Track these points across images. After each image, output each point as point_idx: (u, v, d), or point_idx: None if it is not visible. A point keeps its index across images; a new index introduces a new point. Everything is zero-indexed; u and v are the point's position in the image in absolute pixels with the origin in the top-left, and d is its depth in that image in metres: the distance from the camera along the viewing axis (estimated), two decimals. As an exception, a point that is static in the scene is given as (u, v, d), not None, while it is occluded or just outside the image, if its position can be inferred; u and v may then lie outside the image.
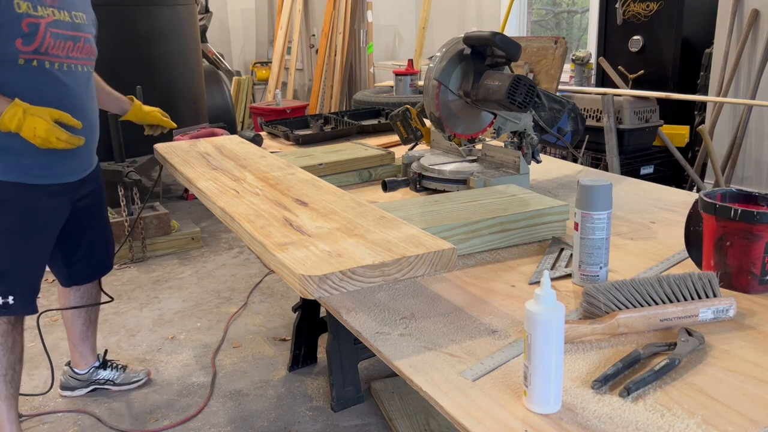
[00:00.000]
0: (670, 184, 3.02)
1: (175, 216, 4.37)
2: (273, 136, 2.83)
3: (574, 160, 2.84)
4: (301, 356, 2.72)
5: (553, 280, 1.32)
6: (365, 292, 1.28)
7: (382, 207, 1.49)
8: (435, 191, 1.85)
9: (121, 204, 3.83)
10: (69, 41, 2.00)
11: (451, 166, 1.91)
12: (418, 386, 0.97)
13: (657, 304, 1.12)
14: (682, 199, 1.83)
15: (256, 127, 6.18)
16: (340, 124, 2.93)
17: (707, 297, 1.13)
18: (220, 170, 1.86)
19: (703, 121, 4.03)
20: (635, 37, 4.27)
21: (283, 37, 7.25)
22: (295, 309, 2.67)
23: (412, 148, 2.14)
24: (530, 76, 2.42)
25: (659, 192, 1.92)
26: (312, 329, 2.70)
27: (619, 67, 4.32)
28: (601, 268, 1.28)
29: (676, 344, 1.03)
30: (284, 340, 2.96)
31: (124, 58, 4.25)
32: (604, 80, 4.47)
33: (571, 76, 4.74)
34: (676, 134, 3.96)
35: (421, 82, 4.08)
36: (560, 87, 3.11)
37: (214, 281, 3.66)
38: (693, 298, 1.13)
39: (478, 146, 2.02)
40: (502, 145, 1.92)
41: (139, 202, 3.93)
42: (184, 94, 4.72)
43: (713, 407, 0.89)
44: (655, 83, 4.16)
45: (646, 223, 1.64)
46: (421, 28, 6.14)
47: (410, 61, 5.22)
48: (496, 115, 1.93)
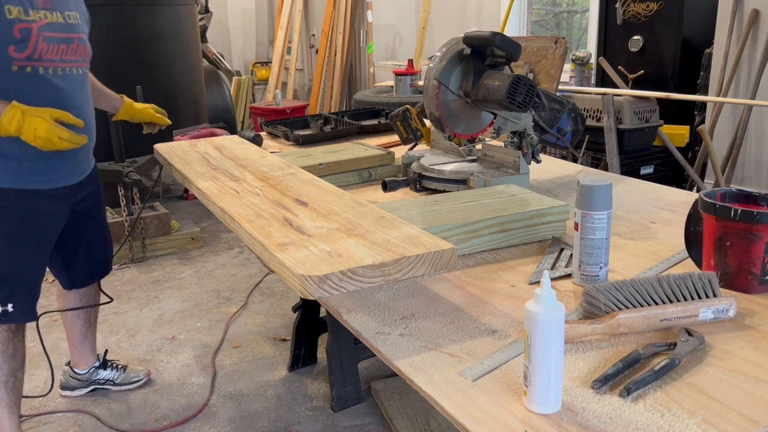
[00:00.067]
0: (670, 184, 3.02)
1: (175, 216, 4.37)
2: (273, 136, 2.83)
3: (574, 160, 2.84)
4: (301, 356, 2.72)
5: (553, 280, 1.32)
6: (365, 292, 1.28)
7: (382, 207, 1.49)
8: (435, 191, 1.85)
9: (121, 204, 3.83)
10: (62, 44, 1.96)
11: (451, 166, 1.91)
12: (418, 386, 0.97)
13: (657, 304, 1.12)
14: (682, 199, 1.83)
15: (256, 127, 6.18)
16: (340, 124, 2.93)
17: (707, 297, 1.13)
18: (220, 170, 1.86)
19: (703, 121, 4.03)
20: (635, 37, 4.27)
21: (283, 37, 7.25)
22: (295, 309, 2.67)
23: (412, 148, 2.14)
24: (530, 76, 2.42)
25: (659, 192, 1.92)
26: (312, 329, 2.70)
27: (619, 67, 4.32)
28: (601, 268, 1.28)
29: (676, 344, 1.03)
30: (284, 340, 2.96)
31: (124, 58, 4.25)
32: (604, 80, 4.47)
33: (571, 76, 4.73)
34: (676, 134, 3.96)
35: (421, 82, 4.08)
36: (560, 87, 3.11)
37: (214, 281, 3.66)
38: (693, 298, 1.13)
39: (478, 146, 2.02)
40: (502, 145, 1.92)
41: (139, 202, 3.93)
42: (184, 94, 4.72)
43: (713, 407, 0.89)
44: (655, 83, 4.16)
45: (646, 223, 1.64)
46: (421, 28, 6.14)
47: (410, 61, 5.22)
48: (496, 115, 1.93)
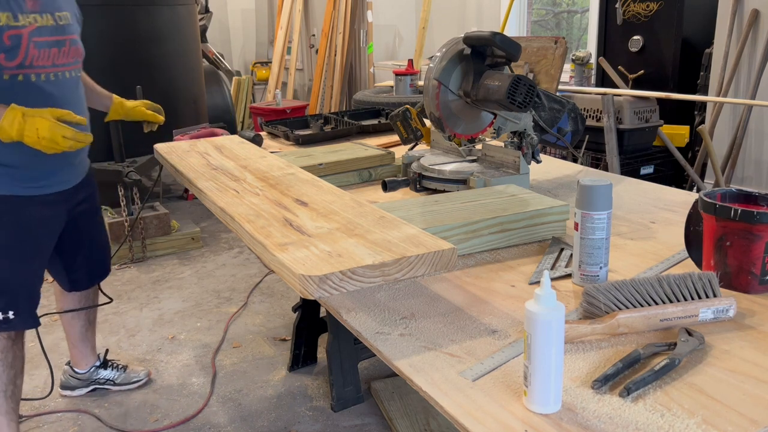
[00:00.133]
0: (670, 184, 3.02)
1: (175, 216, 4.37)
2: (273, 136, 2.83)
3: (574, 160, 2.84)
4: (301, 356, 2.72)
5: (553, 280, 1.32)
6: (365, 292, 1.28)
7: (382, 207, 1.49)
8: (435, 191, 1.85)
9: (121, 204, 3.83)
10: (54, 48, 1.91)
11: (451, 166, 1.91)
12: (418, 386, 0.97)
13: (657, 304, 1.12)
14: (682, 199, 1.83)
15: (256, 127, 6.18)
16: (340, 124, 2.93)
17: (707, 297, 1.13)
18: (220, 170, 1.86)
19: (703, 121, 4.03)
20: (635, 37, 4.27)
21: (283, 37, 7.25)
22: (295, 309, 2.67)
23: (412, 148, 2.14)
24: (530, 76, 2.42)
25: (659, 192, 1.92)
26: (312, 329, 2.70)
27: (619, 67, 4.32)
28: (601, 268, 1.28)
29: (676, 344, 1.03)
30: (284, 340, 2.96)
31: (124, 58, 4.25)
32: (604, 80, 4.47)
33: (571, 76, 4.73)
34: (676, 134, 3.96)
35: (421, 82, 4.08)
36: (560, 87, 3.11)
37: (214, 281, 3.66)
38: (693, 298, 1.13)
39: (478, 146, 2.02)
40: (502, 145, 1.92)
41: (139, 202, 3.93)
42: (184, 94, 4.72)
43: (713, 407, 0.89)
44: (655, 83, 4.16)
45: (646, 223, 1.64)
46: (421, 28, 6.13)
47: (410, 61, 5.22)
48: (496, 115, 1.93)
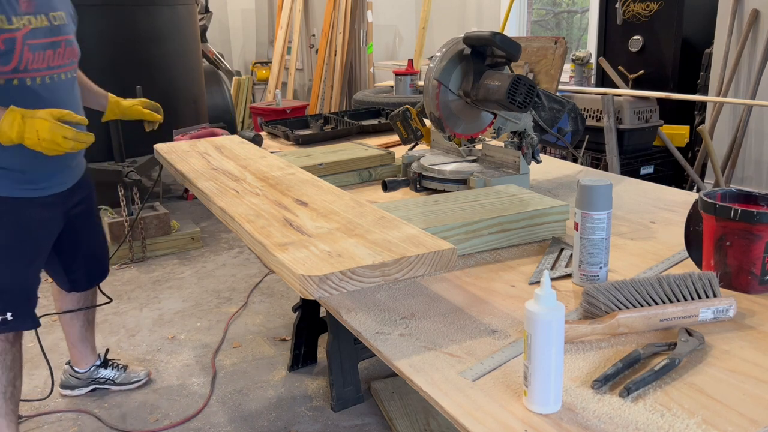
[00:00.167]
0: (670, 184, 3.02)
1: (175, 216, 4.37)
2: (273, 136, 2.83)
3: (574, 160, 2.84)
4: (301, 356, 2.72)
5: (553, 280, 1.32)
6: (365, 292, 1.28)
7: (382, 207, 1.49)
8: (435, 191, 1.85)
9: (121, 204, 3.83)
10: (49, 50, 1.88)
11: (451, 166, 1.91)
12: (418, 386, 0.97)
13: (657, 304, 1.12)
14: (682, 199, 1.83)
15: (256, 127, 6.18)
16: (340, 124, 2.93)
17: (707, 297, 1.13)
18: (220, 170, 1.86)
19: (703, 121, 4.03)
20: (635, 37, 4.27)
21: (283, 37, 7.25)
22: (295, 309, 2.67)
23: (412, 148, 2.14)
24: (530, 76, 2.42)
25: (659, 192, 1.92)
26: (312, 329, 2.70)
27: (619, 67, 4.32)
28: (601, 268, 1.28)
29: (676, 344, 1.03)
30: (284, 340, 2.96)
31: (124, 58, 4.25)
32: (604, 80, 4.47)
33: (571, 76, 4.73)
34: (676, 134, 3.96)
35: (421, 82, 4.08)
36: (560, 87, 3.11)
37: (214, 281, 3.66)
38: (693, 298, 1.13)
39: (478, 146, 2.02)
40: (502, 145, 1.92)
41: (139, 202, 3.93)
42: (184, 94, 4.72)
43: (713, 407, 0.89)
44: (655, 83, 4.16)
45: (646, 223, 1.64)
46: (421, 28, 6.13)
47: (410, 61, 5.22)
48: (496, 115, 1.93)
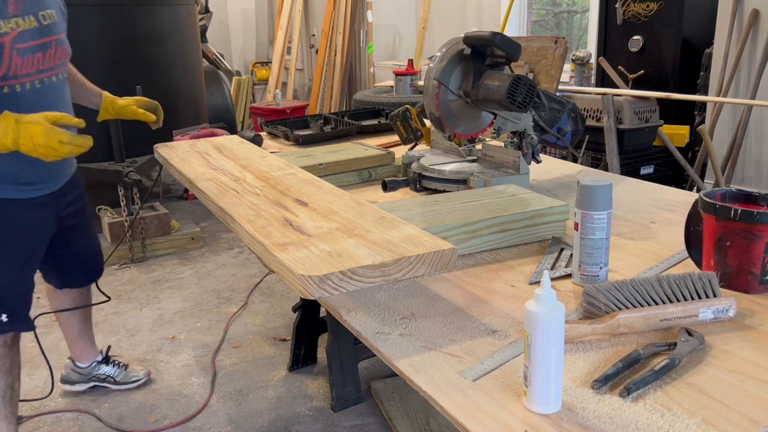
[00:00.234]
0: (670, 184, 3.02)
1: (175, 216, 4.37)
2: (273, 136, 2.83)
3: (574, 160, 2.84)
4: (301, 356, 2.72)
5: (553, 280, 1.32)
6: (365, 292, 1.28)
7: (382, 207, 1.49)
8: (435, 191, 1.85)
9: (121, 204, 3.83)
10: (38, 52, 1.83)
11: (451, 166, 1.91)
12: (418, 386, 0.97)
13: (657, 304, 1.12)
14: (682, 199, 1.83)
15: (256, 127, 6.18)
16: (340, 124, 2.93)
17: (707, 297, 1.13)
18: (220, 170, 1.86)
19: (703, 121, 4.03)
20: (635, 37, 4.27)
21: (283, 37, 7.25)
22: (295, 309, 2.67)
23: (412, 148, 2.14)
24: (530, 76, 2.42)
25: (659, 192, 1.92)
26: (312, 329, 2.70)
27: (619, 67, 4.32)
28: (601, 268, 1.28)
29: (676, 344, 1.03)
30: (284, 340, 2.96)
31: (124, 58, 4.25)
32: (604, 80, 4.47)
33: (571, 76, 4.73)
34: (676, 134, 3.96)
35: (421, 82, 4.08)
36: (560, 87, 3.11)
37: (214, 281, 3.66)
38: (693, 298, 1.13)
39: (478, 146, 2.02)
40: (502, 145, 1.92)
41: (139, 202, 3.93)
42: (184, 94, 4.72)
43: (713, 407, 0.89)
44: (655, 83, 4.16)
45: (646, 223, 1.64)
46: (421, 28, 6.13)
47: (410, 61, 5.22)
48: (496, 115, 1.93)
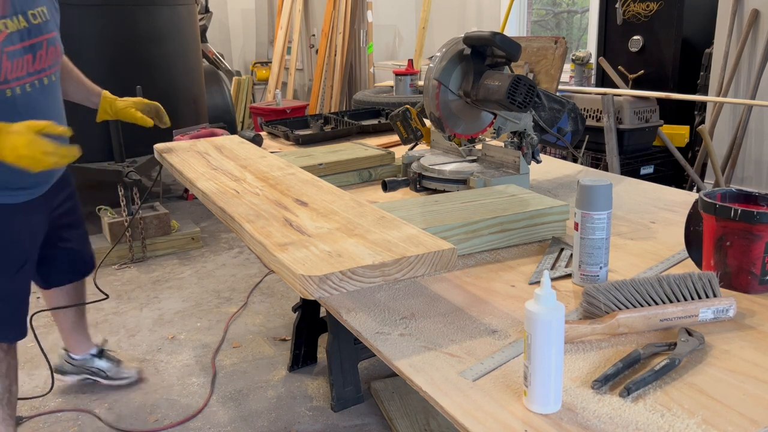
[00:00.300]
0: (670, 184, 3.02)
1: (175, 216, 4.37)
2: (273, 136, 2.83)
3: (574, 160, 2.84)
4: (301, 356, 2.72)
5: (553, 280, 1.32)
6: (365, 292, 1.28)
7: (382, 207, 1.49)
8: (435, 191, 1.85)
9: (121, 204, 3.83)
10: (28, 54, 1.78)
11: (451, 166, 1.91)
12: (418, 386, 0.97)
13: (657, 304, 1.12)
14: (682, 199, 1.83)
15: (256, 127, 6.18)
16: (340, 124, 2.93)
17: (707, 297, 1.13)
18: (220, 170, 1.86)
19: (703, 121, 4.03)
20: (635, 37, 4.27)
21: (283, 37, 7.25)
22: (295, 309, 2.67)
23: (412, 148, 2.14)
24: (530, 76, 2.42)
25: (659, 192, 1.92)
26: (312, 329, 2.69)
27: (619, 67, 4.32)
28: (601, 268, 1.28)
29: (676, 344, 1.03)
30: (284, 340, 2.96)
31: (124, 58, 4.25)
32: (604, 80, 4.47)
33: (571, 76, 4.73)
34: (676, 134, 3.96)
35: (421, 82, 4.08)
36: (560, 87, 3.11)
37: (214, 281, 3.66)
38: (693, 298, 1.13)
39: (478, 146, 2.02)
40: (502, 145, 1.92)
41: (139, 202, 3.93)
42: (184, 94, 4.72)
43: (713, 407, 0.89)
44: (655, 83, 4.16)
45: (646, 223, 1.64)
46: (421, 28, 6.13)
47: (410, 61, 5.22)
48: (496, 115, 1.93)
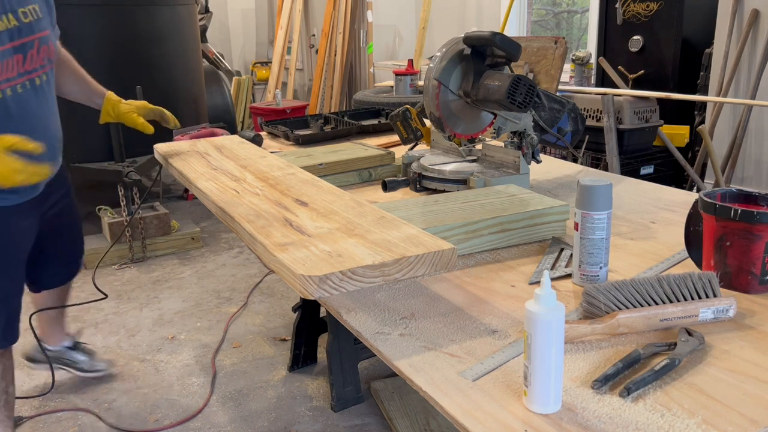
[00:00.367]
0: (670, 184, 3.02)
1: (175, 216, 4.37)
2: (273, 136, 2.83)
3: (574, 160, 2.84)
4: (301, 356, 2.72)
5: (553, 280, 1.32)
6: (365, 292, 1.28)
7: (382, 207, 1.49)
8: (435, 191, 1.85)
9: (121, 204, 3.83)
10: (19, 54, 1.73)
11: (451, 166, 1.91)
12: (418, 386, 0.97)
13: (657, 304, 1.12)
14: (682, 199, 1.83)
15: (256, 127, 6.18)
16: (340, 124, 2.93)
17: (707, 297, 1.13)
18: (220, 170, 1.86)
19: (703, 121, 4.03)
20: (635, 37, 4.27)
21: (283, 37, 7.25)
22: (295, 309, 2.67)
23: (412, 148, 2.14)
24: (530, 76, 2.42)
25: (659, 192, 1.92)
26: (312, 329, 2.69)
27: (619, 67, 4.32)
28: (601, 268, 1.28)
29: (676, 344, 1.03)
30: (284, 340, 2.96)
31: (124, 58, 4.25)
32: (604, 80, 4.47)
33: (571, 76, 4.73)
34: (676, 134, 3.96)
35: (421, 82, 4.08)
36: (560, 87, 3.11)
37: (214, 281, 3.66)
38: (693, 298, 1.13)
39: (478, 146, 2.02)
40: (502, 145, 1.92)
41: (139, 202, 3.93)
42: (184, 94, 4.72)
43: (713, 407, 0.89)
44: (655, 83, 4.16)
45: (646, 223, 1.64)
46: (421, 28, 6.13)
47: (410, 61, 5.21)
48: (496, 115, 1.93)
